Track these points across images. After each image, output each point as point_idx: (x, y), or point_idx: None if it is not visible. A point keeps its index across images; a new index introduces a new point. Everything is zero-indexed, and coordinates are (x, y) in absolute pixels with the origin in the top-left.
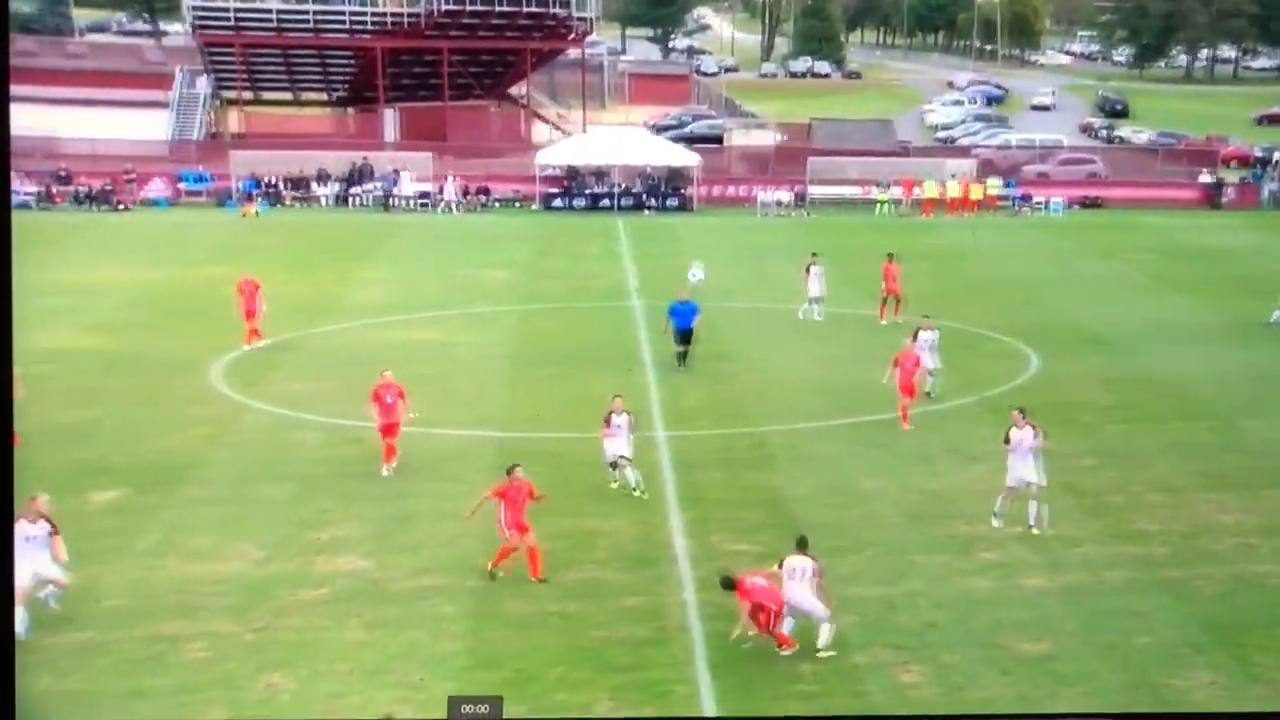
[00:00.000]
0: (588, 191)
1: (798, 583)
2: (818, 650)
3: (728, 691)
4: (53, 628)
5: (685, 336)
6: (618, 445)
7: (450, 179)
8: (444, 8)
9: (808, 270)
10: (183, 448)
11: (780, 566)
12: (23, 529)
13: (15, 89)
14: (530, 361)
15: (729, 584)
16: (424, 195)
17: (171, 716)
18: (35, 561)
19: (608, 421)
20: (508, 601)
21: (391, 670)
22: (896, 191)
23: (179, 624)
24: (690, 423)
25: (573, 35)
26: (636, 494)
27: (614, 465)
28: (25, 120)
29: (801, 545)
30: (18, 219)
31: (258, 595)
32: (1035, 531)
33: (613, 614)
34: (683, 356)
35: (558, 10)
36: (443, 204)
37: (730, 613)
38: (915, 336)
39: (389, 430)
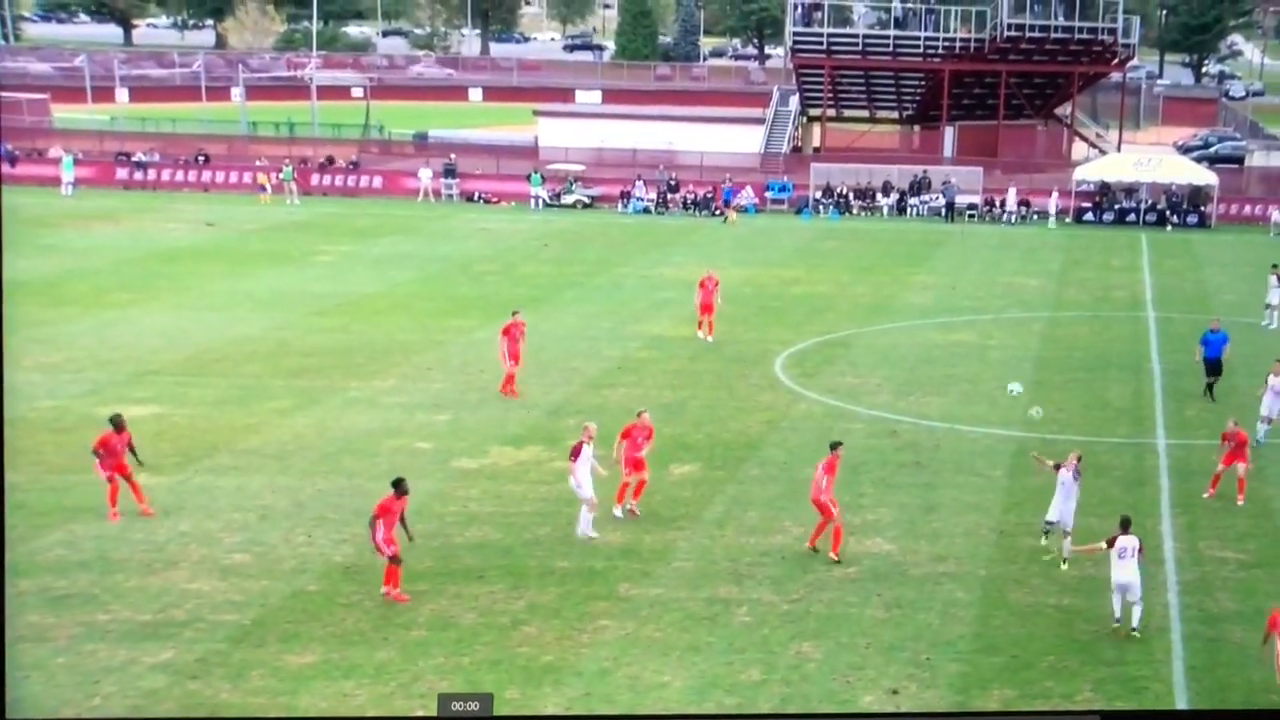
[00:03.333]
0: (1116, 206)
1: (1127, 561)
2: (1133, 630)
3: (1201, 694)
4: (635, 581)
5: (1216, 367)
6: (1064, 507)
7: (1056, 193)
8: (1006, 34)
9: None
10: (747, 430)
11: (1110, 546)
12: (586, 450)
13: (650, 109)
14: (1053, 365)
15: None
16: (1020, 204)
17: (719, 673)
18: (580, 474)
19: (1057, 468)
20: (1012, 592)
21: (904, 648)
22: None
23: (730, 589)
24: (1190, 432)
25: (1116, 60)
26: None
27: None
28: (650, 135)
29: (1126, 525)
30: (638, 222)
31: (796, 569)
32: None
33: (1103, 610)
34: (1210, 388)
35: (1105, 37)
36: (1049, 219)
37: (1212, 616)
38: None
39: (636, 466)
